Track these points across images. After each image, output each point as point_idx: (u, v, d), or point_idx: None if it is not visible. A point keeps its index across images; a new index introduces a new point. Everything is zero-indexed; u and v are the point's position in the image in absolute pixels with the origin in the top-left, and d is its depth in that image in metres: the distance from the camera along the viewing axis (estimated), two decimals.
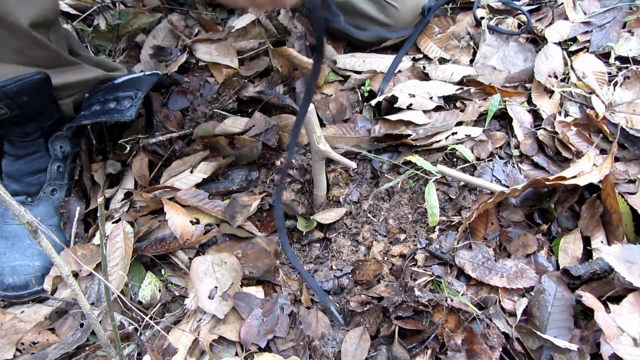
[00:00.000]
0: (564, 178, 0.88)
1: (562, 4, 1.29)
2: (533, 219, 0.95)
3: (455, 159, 1.08)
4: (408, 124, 1.10)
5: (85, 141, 1.13)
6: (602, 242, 0.86)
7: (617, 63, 1.16)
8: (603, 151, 1.01)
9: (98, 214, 0.91)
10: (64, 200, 1.07)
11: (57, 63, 0.96)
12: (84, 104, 1.05)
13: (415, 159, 1.04)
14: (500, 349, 0.78)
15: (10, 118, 0.93)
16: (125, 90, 1.01)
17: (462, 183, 1.02)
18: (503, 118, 1.13)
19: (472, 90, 1.17)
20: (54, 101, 0.99)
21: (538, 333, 0.77)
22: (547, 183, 0.89)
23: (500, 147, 1.08)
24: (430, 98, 1.13)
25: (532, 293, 0.83)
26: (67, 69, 1.00)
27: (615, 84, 1.11)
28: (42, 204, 1.05)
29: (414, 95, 1.12)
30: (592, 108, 1.08)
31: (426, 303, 0.83)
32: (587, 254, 0.87)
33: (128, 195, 1.12)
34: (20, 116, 0.95)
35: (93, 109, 1.02)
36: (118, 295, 0.77)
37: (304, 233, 1.08)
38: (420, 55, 1.28)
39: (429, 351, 0.81)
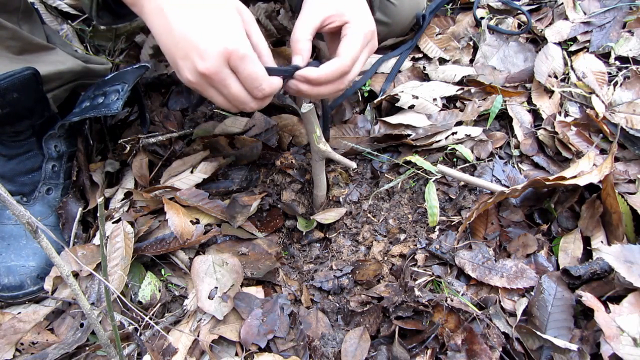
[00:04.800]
0: (564, 178, 0.88)
1: (562, 4, 1.29)
2: (533, 219, 0.95)
3: (455, 159, 1.08)
4: (408, 125, 1.10)
5: (82, 141, 1.13)
6: (602, 242, 0.86)
7: (617, 63, 1.16)
8: (603, 151, 1.01)
9: (98, 214, 0.91)
10: (62, 200, 1.07)
11: (23, 47, 0.96)
12: (77, 102, 1.05)
13: (415, 159, 1.04)
14: (500, 349, 0.78)
15: (1, 116, 0.93)
16: (112, 84, 1.01)
17: (462, 183, 1.02)
18: (503, 118, 1.13)
19: (473, 90, 1.17)
20: (44, 98, 0.99)
21: (538, 333, 0.77)
22: (547, 183, 0.89)
23: (500, 147, 1.08)
24: (434, 100, 1.13)
25: (532, 293, 0.83)
26: (38, 55, 0.99)
27: (615, 84, 1.11)
28: (37, 203, 1.05)
29: (417, 97, 1.12)
30: (592, 108, 1.08)
31: (426, 303, 0.83)
32: (587, 254, 0.87)
33: (128, 195, 1.12)
34: (11, 114, 0.94)
35: (83, 106, 1.02)
36: (118, 295, 0.77)
37: (304, 233, 1.08)
38: (420, 55, 1.28)
39: (429, 351, 0.81)
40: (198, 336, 0.87)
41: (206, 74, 0.68)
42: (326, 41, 0.87)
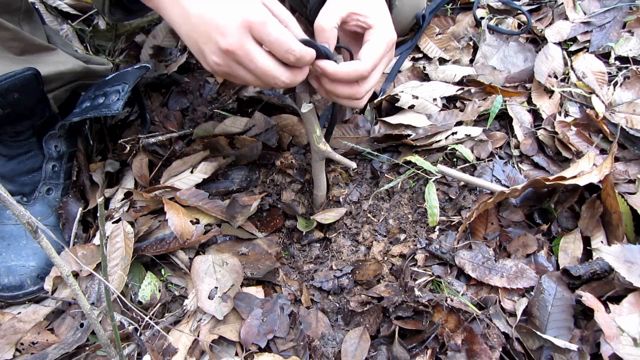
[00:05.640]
0: (564, 178, 0.88)
1: (562, 4, 1.29)
2: (533, 219, 0.95)
3: (455, 159, 1.08)
4: (408, 125, 1.10)
5: (82, 141, 1.13)
6: (602, 242, 0.86)
7: (617, 63, 1.16)
8: (603, 151, 1.01)
9: (98, 214, 0.91)
10: (62, 200, 1.07)
11: (24, 48, 0.96)
12: (77, 102, 1.05)
13: (415, 159, 1.04)
14: (500, 349, 0.78)
15: (2, 117, 0.93)
16: (113, 85, 1.01)
17: (462, 183, 1.02)
18: (503, 118, 1.13)
19: (473, 90, 1.17)
20: (45, 98, 0.99)
21: (538, 333, 0.77)
22: (547, 183, 0.89)
23: (500, 147, 1.08)
24: (434, 100, 1.13)
25: (532, 293, 0.83)
26: (39, 56, 0.99)
27: (615, 84, 1.11)
28: (37, 203, 1.05)
29: (417, 97, 1.12)
30: (592, 108, 1.08)
31: (426, 303, 0.83)
32: (587, 254, 0.87)
33: (128, 195, 1.12)
34: (12, 114, 0.95)
35: (83, 106, 1.02)
36: (118, 295, 0.77)
37: (304, 233, 1.08)
38: (420, 55, 1.28)
39: (429, 351, 0.81)
40: (198, 336, 0.87)
41: (230, 50, 0.66)
42: (343, 44, 0.85)
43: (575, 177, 0.88)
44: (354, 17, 0.75)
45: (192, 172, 1.12)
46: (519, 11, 1.29)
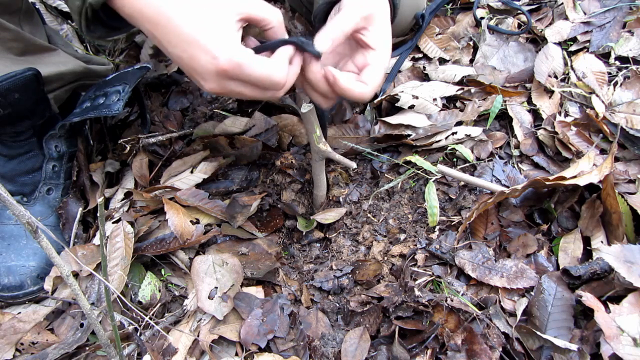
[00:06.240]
0: (564, 178, 0.88)
1: (562, 4, 1.29)
2: (533, 219, 0.95)
3: (455, 159, 1.08)
4: (408, 125, 1.10)
5: (82, 141, 1.13)
6: (602, 242, 0.86)
7: (617, 63, 1.16)
8: (603, 151, 1.01)
9: (98, 214, 0.91)
10: (62, 200, 1.07)
11: (25, 48, 0.96)
12: (78, 103, 1.05)
13: (415, 159, 1.04)
14: (500, 349, 0.78)
15: (2, 117, 0.93)
16: (113, 85, 1.01)
17: (462, 183, 1.02)
18: (503, 118, 1.13)
19: (473, 90, 1.17)
20: (45, 98, 0.99)
21: (538, 333, 0.77)
22: (547, 183, 0.89)
23: (500, 147, 1.08)
24: (434, 100, 1.13)
25: (532, 293, 0.83)
26: (40, 57, 0.99)
27: (615, 84, 1.11)
28: (37, 203, 1.05)
29: (417, 97, 1.12)
30: (592, 108, 1.08)
31: (426, 303, 0.83)
32: (587, 254, 0.87)
33: (128, 195, 1.12)
34: (13, 114, 0.95)
35: (84, 106, 1.02)
36: (118, 295, 0.77)
37: (304, 233, 1.08)
38: (420, 55, 1.28)
39: (429, 351, 0.81)
40: (198, 336, 0.87)
41: (215, 90, 0.69)
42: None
43: (575, 177, 0.88)
44: (363, 32, 0.77)
45: (192, 172, 1.12)
46: (519, 11, 1.29)
